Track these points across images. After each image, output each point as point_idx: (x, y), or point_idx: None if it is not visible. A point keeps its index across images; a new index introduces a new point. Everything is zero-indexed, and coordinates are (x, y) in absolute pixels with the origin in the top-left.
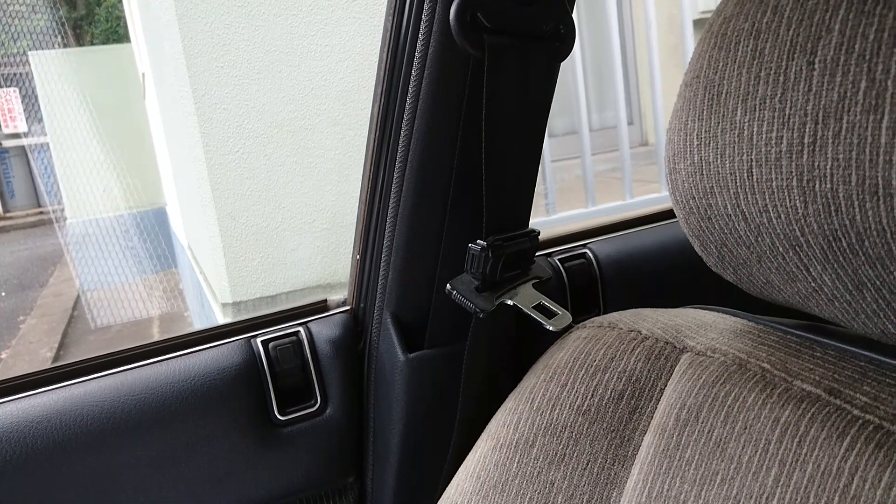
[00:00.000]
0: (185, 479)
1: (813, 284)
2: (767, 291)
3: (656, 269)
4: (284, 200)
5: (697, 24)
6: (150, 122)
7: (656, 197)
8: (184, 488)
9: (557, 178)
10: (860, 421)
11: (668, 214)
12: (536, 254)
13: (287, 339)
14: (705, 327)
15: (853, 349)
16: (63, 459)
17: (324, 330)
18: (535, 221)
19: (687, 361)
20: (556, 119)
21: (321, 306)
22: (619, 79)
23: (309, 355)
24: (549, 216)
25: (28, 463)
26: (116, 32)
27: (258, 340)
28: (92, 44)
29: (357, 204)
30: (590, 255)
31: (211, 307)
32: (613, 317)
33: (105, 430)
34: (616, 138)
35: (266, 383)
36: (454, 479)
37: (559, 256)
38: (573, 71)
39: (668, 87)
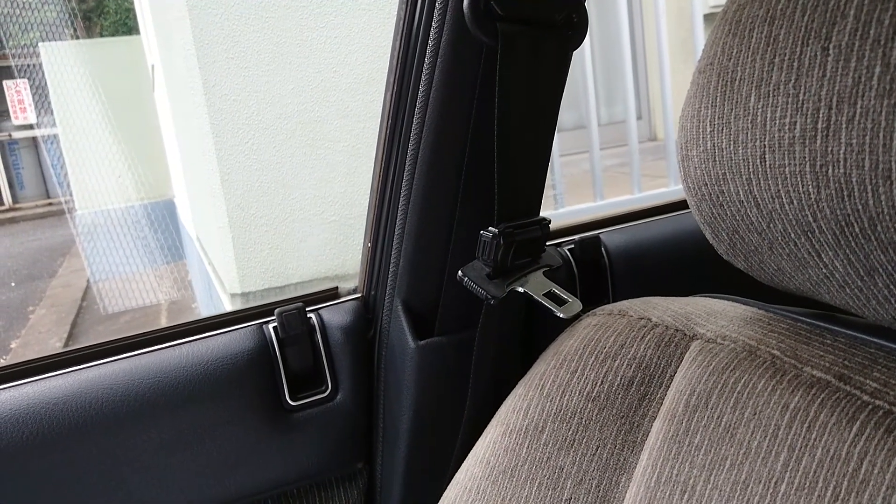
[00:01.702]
0: (196, 463)
1: (824, 271)
2: (778, 279)
3: (666, 260)
4: (293, 192)
5: (708, 18)
6: (158, 114)
7: (665, 191)
8: (195, 471)
9: (565, 173)
10: (870, 406)
11: (678, 206)
12: (546, 243)
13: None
14: (715, 315)
15: (863, 336)
16: (78, 441)
17: (335, 317)
18: (542, 214)
19: (697, 348)
20: (564, 113)
21: (332, 293)
22: (628, 73)
23: (320, 342)
24: (557, 209)
25: (44, 443)
26: (126, 24)
27: (270, 326)
28: (101, 36)
29: (367, 194)
30: (600, 244)
31: (219, 298)
32: (624, 304)
33: (119, 413)
34: (624, 133)
35: (278, 369)
36: (464, 464)
37: (569, 246)
38: (582, 65)
39: (678, 82)
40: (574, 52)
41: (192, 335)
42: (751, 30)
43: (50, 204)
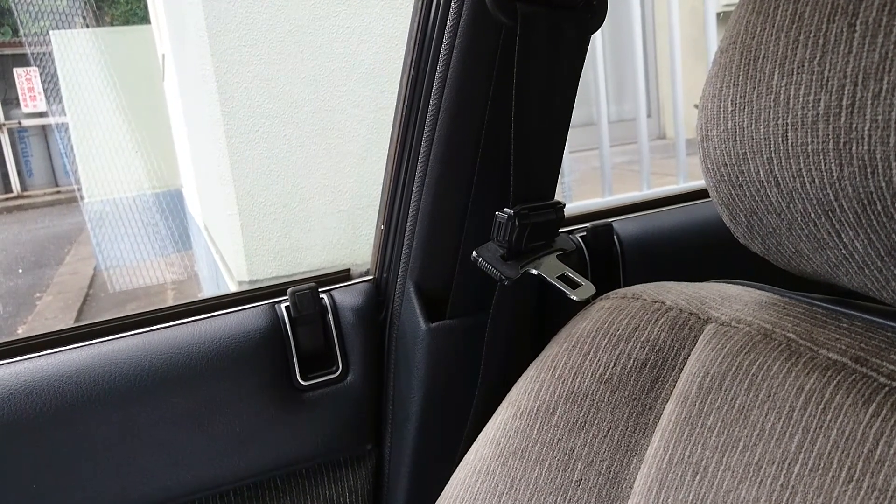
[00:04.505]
0: (206, 439)
1: (844, 252)
2: (796, 262)
3: (678, 249)
4: (303, 181)
5: (721, 17)
6: (168, 103)
7: (673, 189)
8: (206, 448)
9: (574, 170)
10: (886, 388)
11: (692, 196)
12: (560, 230)
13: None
14: (730, 299)
15: (880, 320)
16: (91, 414)
17: (347, 298)
18: None
19: (711, 331)
20: (574, 109)
21: (344, 275)
22: (639, 71)
23: (332, 322)
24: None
25: (57, 415)
26: (136, 14)
27: (282, 306)
28: (112, 25)
29: (378, 184)
30: (612, 232)
31: (227, 286)
32: (637, 288)
33: (132, 388)
34: (633, 131)
35: (289, 348)
36: (474, 445)
37: (582, 233)
38: (593, 62)
39: (689, 81)
40: (596, 31)
41: (205, 313)
42: (775, 7)
43: (58, 192)
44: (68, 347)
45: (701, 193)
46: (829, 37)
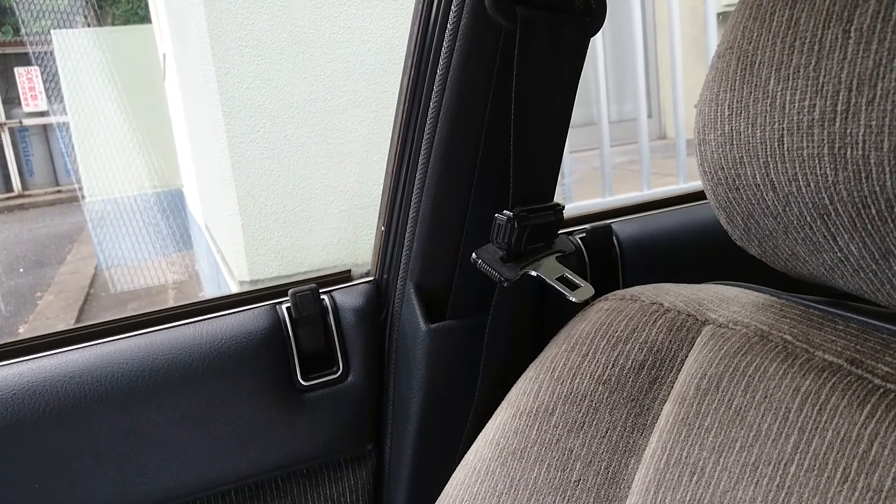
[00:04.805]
0: (208, 439)
1: (839, 255)
2: (792, 264)
3: (677, 250)
4: (304, 181)
5: (721, 17)
6: (168, 103)
7: (674, 189)
8: (207, 447)
9: (574, 170)
10: (881, 390)
11: (691, 197)
12: (559, 231)
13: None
14: (728, 301)
15: (876, 322)
16: (93, 414)
17: (347, 299)
18: None
19: (709, 333)
20: (575, 109)
21: (345, 276)
22: (640, 71)
23: (332, 323)
24: (565, 204)
25: (61, 415)
26: (137, 13)
27: (283, 307)
28: (113, 24)
29: (379, 184)
30: (612, 233)
31: (228, 286)
32: (636, 290)
33: (134, 388)
34: (633, 131)
35: (290, 349)
36: (473, 445)
37: (581, 234)
38: (594, 62)
39: (689, 81)
40: (596, 34)
41: (207, 314)
42: (772, 13)
43: (59, 191)
44: (70, 348)
45: (699, 195)
46: (824, 43)
